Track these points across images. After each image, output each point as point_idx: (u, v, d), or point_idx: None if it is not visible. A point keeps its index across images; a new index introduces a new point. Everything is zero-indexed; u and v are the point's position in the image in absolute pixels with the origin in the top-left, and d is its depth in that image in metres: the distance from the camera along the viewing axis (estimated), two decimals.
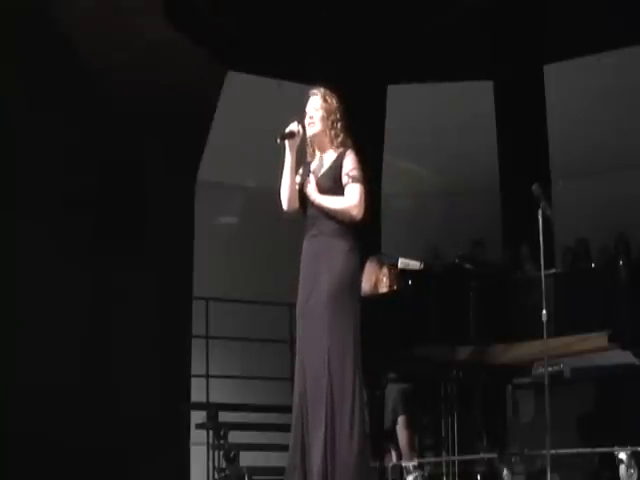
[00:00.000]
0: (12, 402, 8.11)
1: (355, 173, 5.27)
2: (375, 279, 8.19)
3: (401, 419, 8.13)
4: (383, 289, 8.13)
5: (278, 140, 5.30)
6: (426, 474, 8.24)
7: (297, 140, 5.33)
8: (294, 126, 5.32)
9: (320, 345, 5.08)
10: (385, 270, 8.16)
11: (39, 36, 8.57)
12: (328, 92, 5.41)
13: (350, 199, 5.24)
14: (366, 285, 8.15)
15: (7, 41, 8.39)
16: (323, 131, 5.37)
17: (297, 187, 5.35)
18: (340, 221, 5.26)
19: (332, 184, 5.28)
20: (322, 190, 5.29)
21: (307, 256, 5.27)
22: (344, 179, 5.26)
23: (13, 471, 7.90)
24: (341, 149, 5.35)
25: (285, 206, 5.37)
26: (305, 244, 5.31)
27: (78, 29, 8.90)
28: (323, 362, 5.05)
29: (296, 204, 5.37)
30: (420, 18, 10.68)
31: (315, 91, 5.43)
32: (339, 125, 5.36)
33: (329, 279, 5.14)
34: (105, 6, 8.97)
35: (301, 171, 5.41)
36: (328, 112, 5.35)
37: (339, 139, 5.36)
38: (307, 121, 5.38)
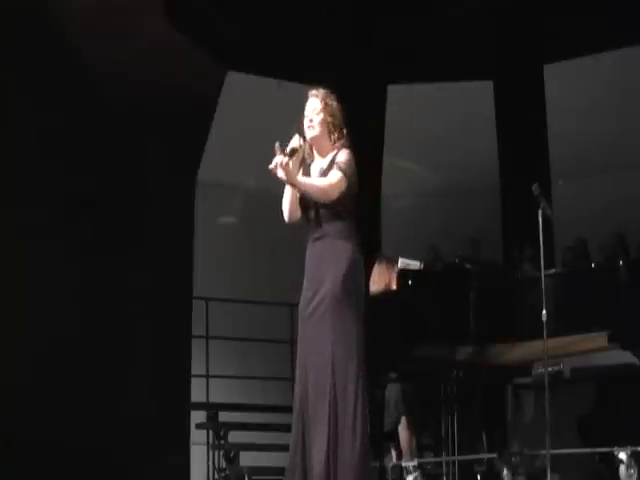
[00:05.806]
0: (12, 402, 8.11)
1: (342, 165, 5.17)
2: (388, 280, 8.18)
3: (401, 419, 8.13)
4: (394, 287, 8.13)
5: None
6: (426, 474, 8.25)
7: (300, 154, 5.26)
8: (295, 142, 5.23)
9: (324, 346, 5.06)
10: (396, 269, 8.15)
11: (39, 36, 8.57)
12: (328, 93, 5.32)
13: (324, 180, 5.16)
14: (379, 287, 8.15)
15: (7, 41, 8.40)
16: (323, 134, 5.29)
17: (298, 195, 5.30)
18: (344, 222, 5.21)
19: None
20: None
21: (311, 258, 5.25)
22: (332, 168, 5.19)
23: (14, 471, 7.90)
24: (337, 149, 5.30)
25: (287, 218, 5.31)
26: (309, 247, 5.27)
27: (78, 29, 8.90)
28: (326, 363, 5.04)
29: (298, 215, 5.32)
30: (420, 18, 10.68)
31: (315, 92, 5.33)
32: (339, 128, 5.30)
33: (333, 280, 5.11)
34: (105, 6, 8.97)
35: (300, 174, 5.38)
36: (329, 115, 5.27)
37: (339, 142, 5.29)
38: (306, 124, 5.29)
